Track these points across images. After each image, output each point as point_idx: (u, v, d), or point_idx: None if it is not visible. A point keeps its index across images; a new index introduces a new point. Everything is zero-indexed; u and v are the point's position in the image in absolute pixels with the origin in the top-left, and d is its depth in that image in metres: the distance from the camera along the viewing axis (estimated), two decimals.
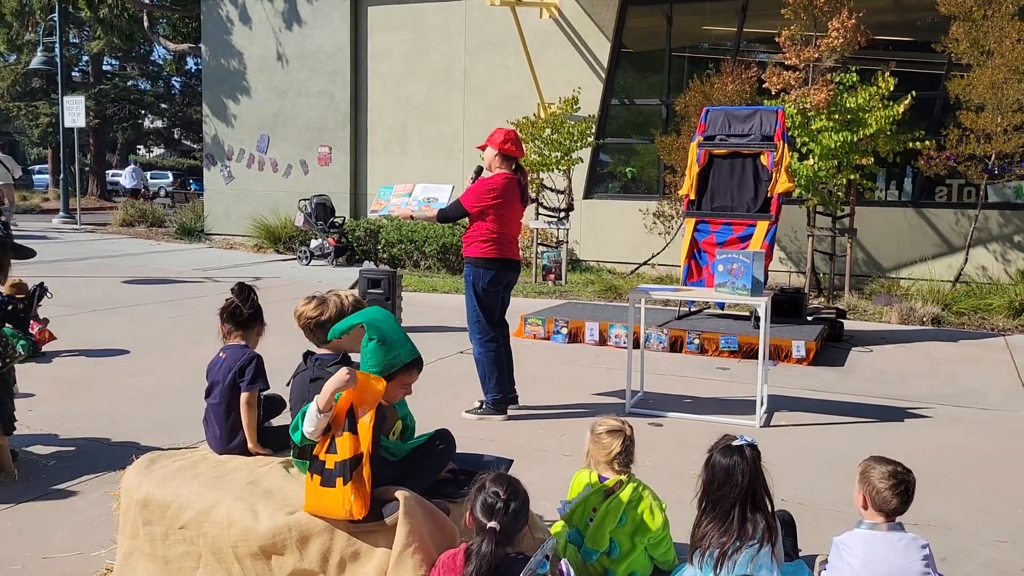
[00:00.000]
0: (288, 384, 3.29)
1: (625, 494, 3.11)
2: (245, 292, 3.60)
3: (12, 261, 4.53)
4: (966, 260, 10.82)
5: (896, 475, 2.74)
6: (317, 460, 2.80)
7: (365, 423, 2.76)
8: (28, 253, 4.65)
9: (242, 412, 3.42)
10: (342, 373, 2.74)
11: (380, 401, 2.83)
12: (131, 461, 3.37)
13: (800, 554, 3.24)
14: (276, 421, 3.62)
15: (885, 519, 2.75)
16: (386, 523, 2.75)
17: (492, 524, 2.43)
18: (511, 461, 3.32)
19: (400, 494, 2.78)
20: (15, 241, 4.58)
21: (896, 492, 2.72)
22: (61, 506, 3.98)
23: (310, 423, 2.79)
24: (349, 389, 2.74)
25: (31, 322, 7.05)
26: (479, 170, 5.68)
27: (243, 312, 3.58)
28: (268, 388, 3.53)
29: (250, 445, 3.41)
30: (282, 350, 3.97)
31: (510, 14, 13.04)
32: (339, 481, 2.72)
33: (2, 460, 4.31)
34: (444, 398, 5.85)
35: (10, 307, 4.40)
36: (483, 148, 5.63)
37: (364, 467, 2.74)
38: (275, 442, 3.48)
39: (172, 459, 3.33)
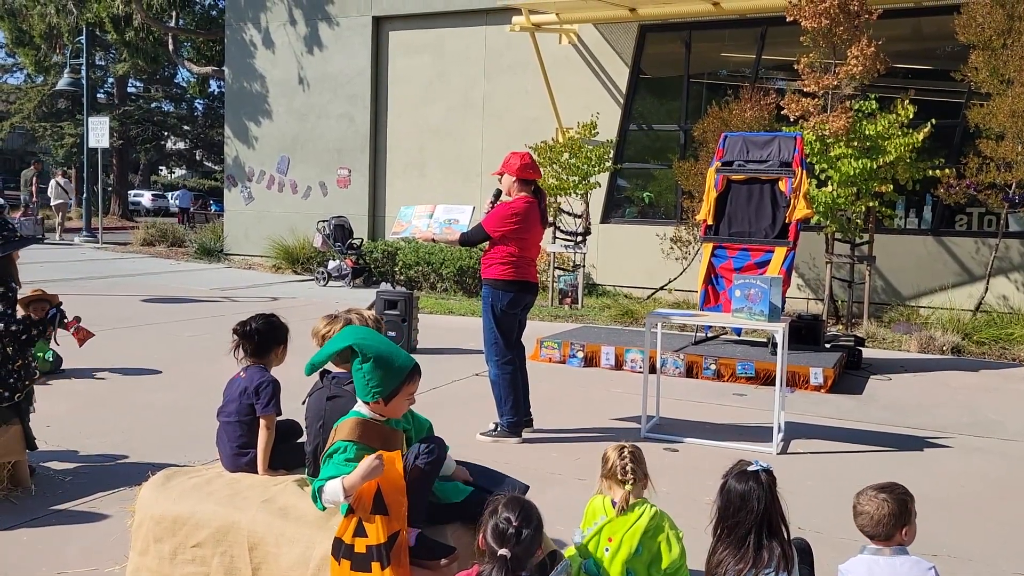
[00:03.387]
0: (304, 402, 3.30)
1: (642, 523, 3.08)
2: (260, 323, 3.65)
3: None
4: (987, 289, 10.72)
5: (857, 505, 2.74)
6: (342, 543, 2.67)
7: (398, 500, 2.66)
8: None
9: (260, 435, 3.43)
10: (371, 462, 2.64)
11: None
12: (147, 478, 3.39)
13: None
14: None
15: (873, 542, 2.73)
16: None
17: (503, 551, 2.34)
18: (527, 487, 3.30)
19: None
20: None
21: (860, 521, 2.72)
22: (77, 522, 4.00)
23: (332, 500, 2.71)
24: (377, 476, 2.65)
25: (67, 323, 7.12)
26: (498, 193, 5.71)
27: (255, 340, 3.62)
28: (281, 413, 3.54)
29: (260, 470, 3.41)
30: (296, 370, 3.99)
31: (530, 40, 13.15)
32: (375, 566, 2.61)
33: (20, 475, 4.34)
34: (459, 420, 5.84)
35: (34, 331, 4.45)
36: (500, 175, 5.66)
37: (402, 548, 2.65)
38: (286, 464, 3.48)
39: (188, 476, 3.35)
